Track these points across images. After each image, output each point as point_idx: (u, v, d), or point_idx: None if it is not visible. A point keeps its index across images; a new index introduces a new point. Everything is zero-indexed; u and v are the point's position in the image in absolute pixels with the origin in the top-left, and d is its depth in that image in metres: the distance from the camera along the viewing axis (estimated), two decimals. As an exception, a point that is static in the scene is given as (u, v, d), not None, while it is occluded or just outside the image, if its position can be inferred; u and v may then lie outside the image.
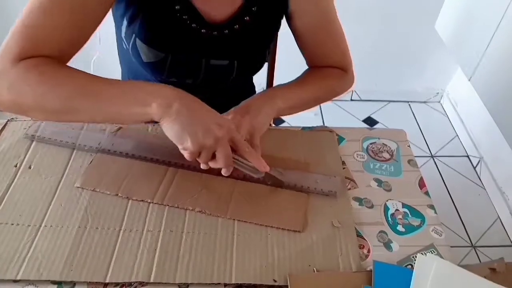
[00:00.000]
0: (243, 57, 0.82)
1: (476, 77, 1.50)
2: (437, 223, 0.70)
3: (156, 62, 0.78)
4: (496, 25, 1.37)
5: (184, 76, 0.82)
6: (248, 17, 0.77)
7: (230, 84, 0.87)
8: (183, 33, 0.76)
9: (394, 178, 0.77)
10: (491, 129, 1.75)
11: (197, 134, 0.61)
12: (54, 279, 0.58)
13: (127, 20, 0.75)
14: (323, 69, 0.88)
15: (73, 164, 0.74)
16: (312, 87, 0.85)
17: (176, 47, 0.78)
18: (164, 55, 0.77)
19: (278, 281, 0.60)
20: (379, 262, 0.62)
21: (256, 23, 0.79)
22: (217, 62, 0.81)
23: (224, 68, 0.82)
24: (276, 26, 0.84)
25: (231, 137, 0.64)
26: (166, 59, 0.78)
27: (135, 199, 0.69)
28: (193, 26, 0.75)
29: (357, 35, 1.96)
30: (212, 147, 0.62)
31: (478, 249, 1.61)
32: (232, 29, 0.77)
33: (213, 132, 0.61)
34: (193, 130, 0.61)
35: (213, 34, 0.77)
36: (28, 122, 0.80)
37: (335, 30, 0.85)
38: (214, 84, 0.87)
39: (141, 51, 0.77)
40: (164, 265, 0.61)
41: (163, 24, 0.75)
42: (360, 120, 2.09)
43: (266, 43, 0.84)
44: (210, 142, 0.61)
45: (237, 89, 0.98)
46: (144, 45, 0.76)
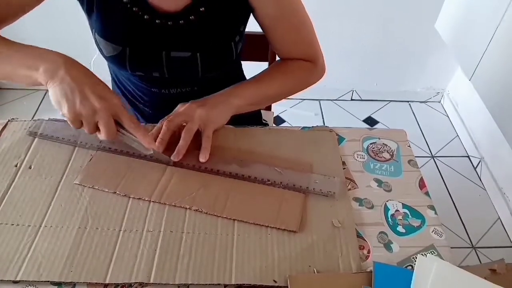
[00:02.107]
0: (205, 49, 0.81)
1: (476, 77, 1.50)
2: (438, 224, 0.70)
3: (115, 56, 0.79)
4: (497, 25, 1.36)
5: (148, 69, 0.83)
6: (203, 8, 0.77)
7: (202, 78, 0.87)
8: (136, 26, 0.77)
9: (394, 179, 0.76)
10: (491, 129, 1.75)
11: (74, 102, 0.64)
12: (54, 279, 0.58)
13: (86, 14, 0.78)
14: (291, 61, 0.88)
15: (73, 164, 0.74)
16: (277, 82, 0.86)
17: (132, 40, 0.79)
18: (122, 48, 0.78)
19: (278, 281, 0.60)
20: (379, 263, 0.62)
21: (214, 14, 0.78)
22: (178, 54, 0.81)
23: (187, 60, 0.81)
24: (239, 19, 0.83)
25: (115, 110, 0.66)
26: (124, 52, 0.79)
27: (133, 197, 0.69)
28: (145, 17, 0.76)
29: (357, 35, 1.97)
30: (89, 117, 0.65)
31: (478, 250, 1.61)
32: (188, 19, 0.77)
33: (90, 102, 0.64)
34: (71, 98, 0.64)
35: (168, 24, 0.77)
36: (29, 123, 0.80)
37: (299, 22, 0.84)
38: (185, 78, 0.87)
39: (100, 45, 0.80)
40: (164, 266, 0.61)
41: (115, 17, 0.76)
42: (361, 120, 2.09)
43: (229, 35, 0.83)
44: (87, 111, 0.64)
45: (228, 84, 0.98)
46: (102, 39, 0.78)
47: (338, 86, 2.13)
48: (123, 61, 0.80)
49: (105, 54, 0.81)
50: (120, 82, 0.96)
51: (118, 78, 0.95)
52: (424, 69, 2.09)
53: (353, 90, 2.16)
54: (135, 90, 0.93)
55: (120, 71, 0.90)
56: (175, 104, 0.93)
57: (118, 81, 0.96)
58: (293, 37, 0.86)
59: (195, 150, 0.74)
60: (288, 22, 0.83)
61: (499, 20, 1.35)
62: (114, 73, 0.96)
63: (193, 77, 0.86)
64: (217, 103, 0.79)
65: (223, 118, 0.79)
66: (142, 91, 0.92)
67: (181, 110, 0.76)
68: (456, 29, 1.66)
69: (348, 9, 1.83)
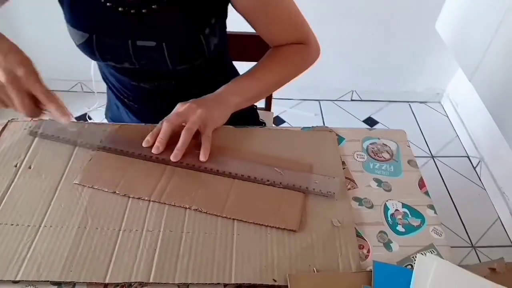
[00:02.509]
0: (171, 40, 0.80)
1: (476, 77, 1.50)
2: (437, 223, 0.70)
3: (83, 43, 0.80)
4: (497, 25, 1.37)
5: (117, 58, 0.83)
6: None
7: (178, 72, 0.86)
8: (100, 13, 0.77)
9: (394, 178, 0.77)
10: (491, 129, 1.75)
11: None
12: (53, 279, 0.58)
13: (60, 4, 0.80)
14: (283, 48, 0.87)
15: (73, 164, 0.74)
16: (273, 71, 0.86)
17: (97, 28, 0.79)
18: (88, 35, 0.79)
19: (277, 281, 0.60)
20: (379, 262, 0.62)
21: (177, 4, 0.77)
22: (144, 43, 0.80)
23: (153, 50, 0.80)
24: (208, 11, 0.81)
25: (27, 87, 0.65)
26: (91, 40, 0.79)
27: (133, 197, 0.69)
28: (108, 5, 0.76)
29: (357, 36, 1.98)
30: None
31: (478, 249, 1.61)
32: (150, 8, 0.77)
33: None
34: None
35: (131, 12, 0.77)
36: (29, 123, 0.80)
37: (282, 7, 0.82)
38: (158, 70, 0.87)
39: (70, 33, 0.81)
40: (163, 265, 0.61)
41: (82, 5, 0.77)
42: (361, 120, 2.09)
43: (196, 27, 0.81)
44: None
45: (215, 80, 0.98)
46: (71, 27, 0.80)
47: (338, 86, 2.14)
48: (91, 48, 0.81)
49: (76, 43, 0.81)
50: (106, 77, 0.96)
51: (104, 73, 0.95)
52: (424, 70, 2.09)
53: (353, 90, 2.16)
54: (119, 84, 0.93)
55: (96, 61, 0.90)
56: (157, 97, 0.93)
57: (105, 76, 0.96)
58: (279, 25, 0.84)
59: (195, 150, 0.74)
60: (270, 10, 0.81)
61: (499, 21, 1.35)
62: (101, 68, 0.96)
63: (165, 69, 0.85)
64: (217, 102, 0.79)
65: (222, 118, 0.79)
66: (125, 85, 0.92)
67: (180, 110, 0.76)
68: (456, 29, 1.66)
69: (348, 9, 1.83)
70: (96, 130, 0.79)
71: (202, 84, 0.94)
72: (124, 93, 0.94)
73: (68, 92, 2.08)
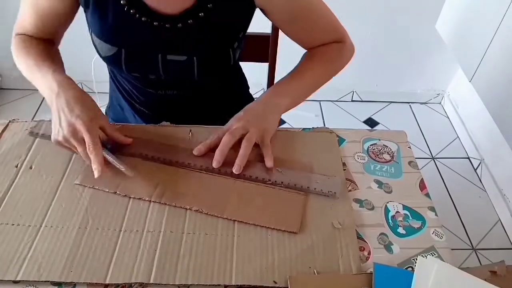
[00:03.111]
0: (202, 54, 0.81)
1: (477, 78, 1.50)
2: (438, 225, 0.70)
3: (111, 56, 0.79)
4: (497, 26, 1.37)
5: (144, 71, 0.83)
6: (202, 13, 0.76)
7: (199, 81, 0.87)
8: (133, 27, 0.77)
9: (395, 180, 0.76)
10: (492, 130, 1.75)
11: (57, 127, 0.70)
12: (54, 280, 0.58)
13: (85, 14, 0.79)
14: (320, 48, 0.88)
15: (73, 165, 0.74)
16: (314, 73, 0.86)
17: (128, 41, 0.78)
18: (117, 49, 0.78)
19: (278, 282, 0.60)
20: (379, 264, 0.62)
21: (213, 19, 0.77)
22: (174, 57, 0.80)
23: (183, 64, 0.81)
24: (239, 25, 0.82)
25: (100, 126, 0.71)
26: (120, 54, 0.79)
27: (134, 197, 0.69)
28: (143, 19, 0.76)
29: (357, 36, 1.96)
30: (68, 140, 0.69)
31: (478, 252, 1.61)
32: (186, 23, 0.77)
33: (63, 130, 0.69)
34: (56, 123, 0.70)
35: (166, 27, 0.77)
36: (30, 123, 0.80)
37: (313, 11, 0.83)
38: (181, 81, 0.87)
39: (97, 45, 0.80)
40: (164, 266, 0.61)
41: (111, 18, 0.76)
42: (361, 121, 2.09)
43: (227, 41, 0.82)
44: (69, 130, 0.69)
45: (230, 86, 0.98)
46: (98, 40, 0.78)
47: (339, 87, 2.13)
48: (118, 62, 0.80)
49: (101, 54, 0.81)
50: (118, 81, 0.96)
51: (116, 77, 0.95)
52: (425, 70, 2.09)
53: (354, 91, 2.16)
54: (132, 89, 0.93)
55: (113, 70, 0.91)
56: (171, 104, 0.93)
57: (116, 80, 0.96)
58: (316, 30, 0.85)
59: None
60: (305, 15, 0.82)
61: (500, 21, 1.35)
62: (112, 72, 0.96)
63: (189, 80, 0.86)
64: (267, 109, 0.79)
65: (276, 123, 0.80)
66: (139, 91, 0.92)
67: (239, 125, 0.75)
68: (456, 30, 1.66)
69: (348, 9, 1.82)
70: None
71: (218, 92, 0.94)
72: (136, 98, 0.94)
73: (68, 92, 2.08)
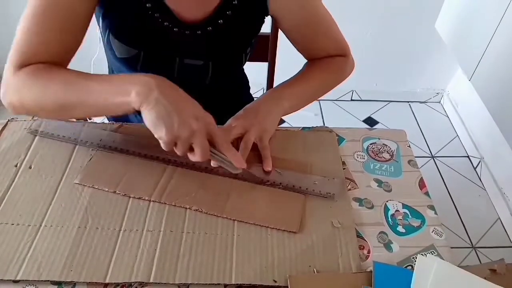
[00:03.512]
0: (218, 59, 0.82)
1: (476, 77, 1.50)
2: (437, 224, 0.70)
3: (129, 58, 0.79)
4: (496, 25, 1.37)
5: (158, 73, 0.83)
6: (221, 20, 0.78)
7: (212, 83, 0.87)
8: (155, 31, 0.77)
9: (394, 179, 0.77)
10: (491, 129, 1.75)
11: (173, 125, 0.60)
12: (54, 279, 0.58)
13: (102, 14, 0.77)
14: (323, 60, 0.89)
15: (73, 164, 0.73)
16: (316, 81, 0.87)
17: (148, 44, 0.78)
18: (137, 51, 0.78)
19: (278, 281, 0.60)
20: (379, 263, 0.62)
21: (231, 26, 0.79)
22: (192, 61, 0.81)
23: (198, 68, 0.82)
24: (253, 31, 0.84)
25: (209, 130, 0.64)
26: (138, 56, 0.78)
27: (133, 197, 0.69)
28: (165, 24, 0.76)
29: (357, 35, 1.97)
30: (187, 139, 0.62)
31: (478, 250, 1.61)
32: (205, 30, 0.78)
33: (189, 124, 0.61)
34: (169, 120, 0.60)
35: (186, 33, 0.77)
36: (29, 122, 0.80)
37: (322, 22, 0.84)
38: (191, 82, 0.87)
39: (114, 46, 0.78)
40: (164, 265, 0.61)
41: (134, 21, 0.76)
42: (360, 120, 2.09)
43: (242, 47, 0.84)
44: (185, 134, 0.61)
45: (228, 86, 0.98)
46: (116, 41, 0.77)
47: (338, 86, 2.13)
48: (135, 64, 0.80)
49: (116, 55, 0.79)
50: None
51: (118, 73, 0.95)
52: (424, 69, 2.09)
53: (353, 90, 2.16)
54: None
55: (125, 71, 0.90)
56: None
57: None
58: (321, 39, 0.87)
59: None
60: (313, 25, 0.84)
61: (499, 20, 1.35)
62: (115, 69, 0.95)
63: (200, 83, 0.86)
64: (269, 110, 0.79)
65: (275, 124, 0.80)
66: None
67: (237, 123, 0.75)
68: (456, 29, 1.66)
69: (348, 9, 1.83)
70: (96, 129, 0.79)
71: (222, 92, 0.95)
72: None
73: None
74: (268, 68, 1.18)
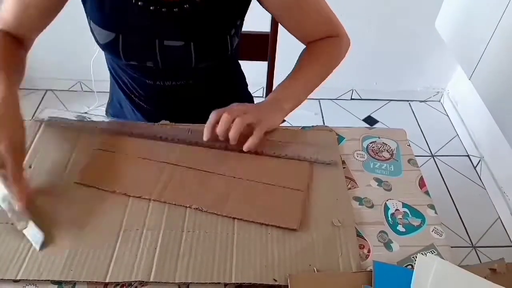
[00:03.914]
0: (199, 39, 0.81)
1: (476, 76, 1.50)
2: (438, 223, 0.70)
3: (109, 43, 0.80)
4: (496, 24, 1.36)
5: (142, 58, 0.83)
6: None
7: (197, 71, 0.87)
8: (130, 12, 0.77)
9: (394, 178, 0.77)
10: (491, 128, 1.75)
11: None
12: (54, 279, 0.58)
13: (84, 4, 0.79)
14: (317, 43, 0.89)
15: (73, 164, 0.73)
16: (314, 69, 0.87)
17: (125, 27, 0.79)
18: (115, 35, 0.79)
19: (278, 280, 0.60)
20: (379, 262, 0.62)
21: (210, 5, 0.78)
22: (172, 43, 0.80)
23: (180, 50, 0.81)
24: (235, 12, 0.83)
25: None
26: (117, 39, 0.79)
27: (133, 196, 0.69)
28: (139, 4, 0.76)
29: (357, 34, 1.96)
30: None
31: (478, 250, 1.61)
32: (182, 8, 0.77)
33: None
34: None
35: (162, 11, 0.77)
36: (28, 122, 0.80)
37: (311, 3, 0.84)
38: (179, 69, 0.87)
39: (95, 32, 0.80)
40: (164, 265, 0.61)
41: (109, 4, 0.76)
42: (360, 119, 2.09)
43: (224, 28, 0.82)
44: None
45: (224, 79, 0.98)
46: (96, 26, 0.79)
47: (338, 85, 2.13)
48: (116, 49, 0.80)
49: (99, 42, 0.81)
50: (117, 75, 0.96)
51: (116, 71, 0.95)
52: (424, 68, 2.09)
53: (353, 89, 2.16)
54: (132, 82, 0.93)
55: (116, 61, 0.90)
56: (169, 98, 0.93)
57: (116, 74, 0.96)
58: (311, 19, 0.86)
59: None
60: (300, 7, 0.83)
61: (499, 19, 1.35)
62: (111, 65, 0.96)
63: (187, 68, 0.86)
64: (271, 108, 0.80)
65: (276, 120, 0.80)
66: (138, 83, 0.92)
67: (239, 106, 0.76)
68: (455, 28, 1.66)
69: (348, 9, 1.82)
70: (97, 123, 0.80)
71: (216, 85, 0.95)
72: (135, 91, 0.94)
73: (68, 92, 2.08)
74: (268, 67, 1.18)
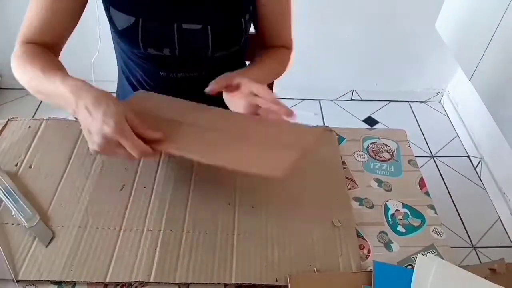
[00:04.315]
0: (216, 23, 0.83)
1: (476, 77, 1.50)
2: (438, 224, 0.70)
3: (128, 28, 0.80)
4: (497, 25, 1.37)
5: (159, 44, 0.84)
6: None
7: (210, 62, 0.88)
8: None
9: (394, 178, 0.77)
10: (491, 129, 1.75)
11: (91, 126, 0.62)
12: (54, 279, 0.58)
13: None
14: (277, 49, 0.93)
15: (73, 164, 0.74)
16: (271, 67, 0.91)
17: (144, 10, 0.80)
18: (135, 19, 0.80)
19: (278, 281, 0.60)
20: (379, 263, 0.62)
21: None
22: (190, 26, 0.82)
23: (198, 34, 0.82)
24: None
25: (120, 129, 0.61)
26: (137, 24, 0.80)
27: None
28: None
29: (357, 35, 1.97)
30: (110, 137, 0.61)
31: (478, 250, 1.61)
32: None
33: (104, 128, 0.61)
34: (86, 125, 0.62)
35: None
36: (28, 122, 0.80)
37: (289, 11, 0.89)
38: (195, 58, 0.88)
39: (114, 18, 0.81)
40: (164, 265, 0.61)
41: None
42: (361, 120, 2.09)
43: (239, 12, 0.84)
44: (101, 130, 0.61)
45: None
46: (115, 11, 0.80)
47: (338, 86, 2.13)
48: (135, 33, 0.81)
49: (118, 28, 0.82)
50: (128, 70, 0.96)
51: (127, 65, 0.95)
52: (424, 69, 2.09)
53: (353, 90, 2.16)
54: (143, 76, 0.93)
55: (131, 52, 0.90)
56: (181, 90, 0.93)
57: (127, 68, 0.96)
58: (281, 25, 0.90)
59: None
60: (283, 14, 0.88)
61: (499, 21, 1.35)
62: (123, 60, 0.96)
63: (203, 57, 0.87)
64: None
65: None
66: (150, 76, 0.93)
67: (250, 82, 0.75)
68: (456, 29, 1.66)
69: (348, 9, 1.83)
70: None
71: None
72: (146, 85, 0.95)
73: (68, 91, 2.08)
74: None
